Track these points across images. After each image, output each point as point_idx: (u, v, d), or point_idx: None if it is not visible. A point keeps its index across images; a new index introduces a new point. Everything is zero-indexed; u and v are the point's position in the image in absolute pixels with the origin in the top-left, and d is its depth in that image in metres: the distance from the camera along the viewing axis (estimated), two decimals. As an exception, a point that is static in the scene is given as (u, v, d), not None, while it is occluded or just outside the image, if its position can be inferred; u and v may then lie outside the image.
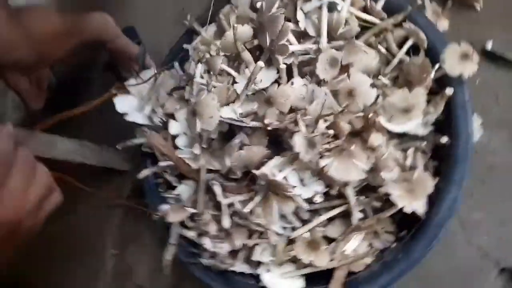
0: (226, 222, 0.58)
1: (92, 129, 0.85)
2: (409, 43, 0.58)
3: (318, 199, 0.56)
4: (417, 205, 0.53)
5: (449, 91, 0.53)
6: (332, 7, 0.57)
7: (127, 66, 0.76)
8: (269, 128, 0.53)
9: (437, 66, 0.53)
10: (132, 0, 0.96)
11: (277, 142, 0.59)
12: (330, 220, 0.60)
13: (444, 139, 0.54)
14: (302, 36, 0.59)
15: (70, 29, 0.70)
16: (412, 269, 0.53)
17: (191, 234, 0.62)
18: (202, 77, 0.60)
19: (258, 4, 0.57)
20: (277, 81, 0.57)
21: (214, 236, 0.61)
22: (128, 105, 0.68)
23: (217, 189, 0.59)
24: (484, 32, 0.70)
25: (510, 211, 0.65)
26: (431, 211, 0.54)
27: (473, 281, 0.65)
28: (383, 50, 0.57)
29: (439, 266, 0.66)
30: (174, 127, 0.63)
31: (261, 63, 0.53)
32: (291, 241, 0.59)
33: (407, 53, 0.58)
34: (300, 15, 0.57)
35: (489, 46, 0.68)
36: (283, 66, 0.55)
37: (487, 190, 0.66)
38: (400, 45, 0.59)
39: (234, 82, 0.59)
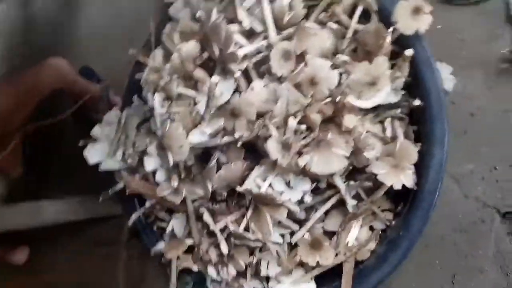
0: (224, 248, 0.56)
1: (74, 182, 0.82)
2: (358, 10, 0.55)
3: (308, 198, 0.54)
4: (405, 179, 0.51)
5: (408, 52, 0.50)
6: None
7: (94, 108, 0.73)
8: (240, 141, 0.50)
9: (391, 29, 0.51)
10: (81, 39, 0.93)
11: (255, 150, 0.56)
12: (327, 213, 0.58)
13: (417, 102, 0.52)
14: (250, 34, 0.56)
15: (24, 93, 0.67)
16: (416, 242, 0.52)
17: (194, 267, 0.60)
18: (162, 106, 0.56)
19: (198, 15, 0.54)
20: (237, 90, 0.54)
21: (217, 262, 0.58)
22: (99, 154, 0.65)
23: (207, 217, 0.56)
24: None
25: (498, 154, 0.64)
26: (421, 180, 0.52)
27: (477, 234, 0.64)
28: (334, 26, 0.54)
29: (441, 226, 0.65)
30: (149, 164, 0.60)
31: (215, 79, 0.50)
32: (293, 246, 0.57)
33: (361, 22, 0.55)
34: (241, 14, 0.53)
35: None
36: (238, 74, 0.52)
37: (472, 138, 0.65)
38: (351, 15, 0.56)
39: (195, 103, 0.56)
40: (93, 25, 0.91)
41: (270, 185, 0.54)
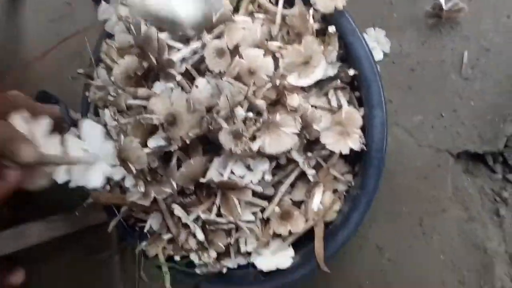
0: (200, 235, 0.60)
1: (51, 201, 0.85)
2: None
3: (268, 176, 0.58)
4: (352, 143, 0.55)
5: (331, 28, 0.53)
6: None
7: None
8: (187, 141, 0.54)
9: (311, 11, 0.53)
10: (32, 65, 0.93)
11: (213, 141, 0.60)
12: (293, 186, 0.62)
13: (351, 71, 0.55)
14: (186, 38, 0.59)
15: None
16: (374, 198, 0.56)
17: (176, 257, 0.64)
18: (116, 119, 0.59)
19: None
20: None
21: (197, 249, 0.63)
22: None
23: (178, 211, 0.60)
24: None
25: (442, 102, 0.68)
26: (368, 140, 0.56)
27: (436, 178, 0.69)
28: (261, 15, 0.57)
29: (403, 177, 0.69)
30: (116, 174, 0.63)
31: (152, 92, 0.52)
32: (266, 221, 0.62)
33: (287, 8, 0.58)
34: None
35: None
36: (179, 78, 0.55)
37: (417, 92, 0.69)
38: (277, 3, 0.58)
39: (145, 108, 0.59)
40: (38, 46, 0.90)
41: (231, 171, 0.58)
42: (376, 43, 0.67)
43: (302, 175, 0.61)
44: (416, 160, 0.69)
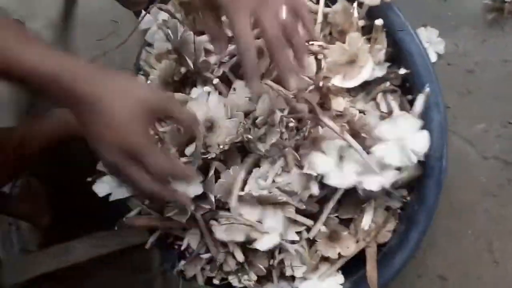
0: (239, 256, 0.55)
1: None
2: None
3: (315, 190, 0.52)
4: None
5: (378, 21, 0.49)
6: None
7: None
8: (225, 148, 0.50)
9: (355, 4, 0.49)
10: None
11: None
12: (340, 202, 0.56)
13: (402, 70, 0.50)
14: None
15: (28, 141, 0.69)
16: (434, 212, 0.49)
17: (215, 281, 0.59)
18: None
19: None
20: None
21: (237, 271, 0.57)
22: (107, 185, 0.66)
23: (216, 229, 0.55)
24: None
25: (509, 107, 0.61)
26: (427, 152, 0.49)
27: (506, 195, 0.61)
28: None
29: (465, 193, 0.61)
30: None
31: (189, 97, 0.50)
32: (312, 242, 0.56)
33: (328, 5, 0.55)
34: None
35: None
36: (216, 81, 0.52)
37: (477, 96, 0.62)
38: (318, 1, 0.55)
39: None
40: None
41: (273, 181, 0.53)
42: (429, 44, 0.62)
43: (351, 189, 0.55)
44: (479, 174, 0.62)
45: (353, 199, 0.56)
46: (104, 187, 0.64)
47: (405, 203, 0.54)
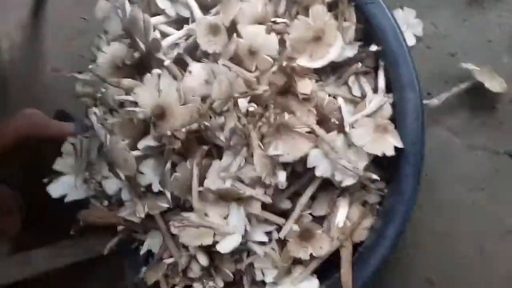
0: (203, 260, 0.50)
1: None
2: None
3: (282, 183, 0.47)
4: (394, 139, 0.45)
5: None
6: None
7: None
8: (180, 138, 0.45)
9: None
10: (48, 84, 0.90)
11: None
12: (314, 198, 0.51)
13: (373, 47, 0.46)
14: (180, 22, 0.51)
15: None
16: (413, 205, 0.44)
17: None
18: (101, 118, 0.52)
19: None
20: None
21: (201, 276, 0.52)
22: (64, 186, 0.61)
23: (176, 231, 0.50)
24: None
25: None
26: (400, 132, 0.45)
27: (496, 188, 0.56)
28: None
29: (450, 189, 0.57)
30: (109, 187, 0.55)
31: (134, 82, 0.45)
32: (284, 243, 0.50)
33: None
34: (162, 3, 0.49)
35: None
36: (167, 62, 0.47)
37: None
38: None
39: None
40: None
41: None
42: (406, 26, 0.57)
43: (326, 184, 0.50)
44: (466, 166, 0.57)
45: (329, 193, 0.51)
46: (58, 187, 0.60)
47: (383, 196, 0.49)
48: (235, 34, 0.46)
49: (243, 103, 0.47)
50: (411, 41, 0.58)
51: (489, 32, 0.56)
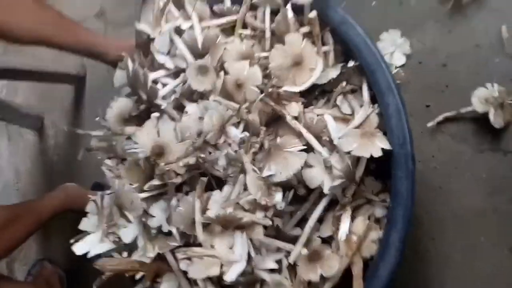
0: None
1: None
2: (267, 12, 0.53)
3: (280, 205, 0.48)
4: (380, 142, 0.45)
5: (312, 14, 0.47)
6: (180, 31, 0.55)
7: None
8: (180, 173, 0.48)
9: (289, 5, 0.49)
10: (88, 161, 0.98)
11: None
12: (321, 221, 0.51)
13: (350, 63, 0.48)
14: (179, 73, 0.56)
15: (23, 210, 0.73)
16: (412, 205, 0.43)
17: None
18: (117, 169, 0.56)
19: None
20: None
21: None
22: (87, 244, 0.63)
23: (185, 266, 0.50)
24: None
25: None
26: (388, 136, 0.46)
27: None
28: (247, 32, 0.53)
29: (468, 196, 0.53)
30: (125, 236, 0.57)
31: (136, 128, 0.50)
32: (295, 268, 0.50)
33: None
34: (160, 57, 0.55)
35: None
36: (164, 105, 0.51)
37: (455, 90, 0.57)
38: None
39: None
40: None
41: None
42: (394, 47, 0.59)
43: (333, 205, 0.50)
44: (480, 171, 0.54)
45: (335, 214, 0.50)
46: (82, 246, 0.62)
47: (388, 208, 0.48)
48: (222, 72, 0.50)
49: (234, 132, 0.49)
50: (401, 60, 0.59)
51: (476, 38, 0.57)
